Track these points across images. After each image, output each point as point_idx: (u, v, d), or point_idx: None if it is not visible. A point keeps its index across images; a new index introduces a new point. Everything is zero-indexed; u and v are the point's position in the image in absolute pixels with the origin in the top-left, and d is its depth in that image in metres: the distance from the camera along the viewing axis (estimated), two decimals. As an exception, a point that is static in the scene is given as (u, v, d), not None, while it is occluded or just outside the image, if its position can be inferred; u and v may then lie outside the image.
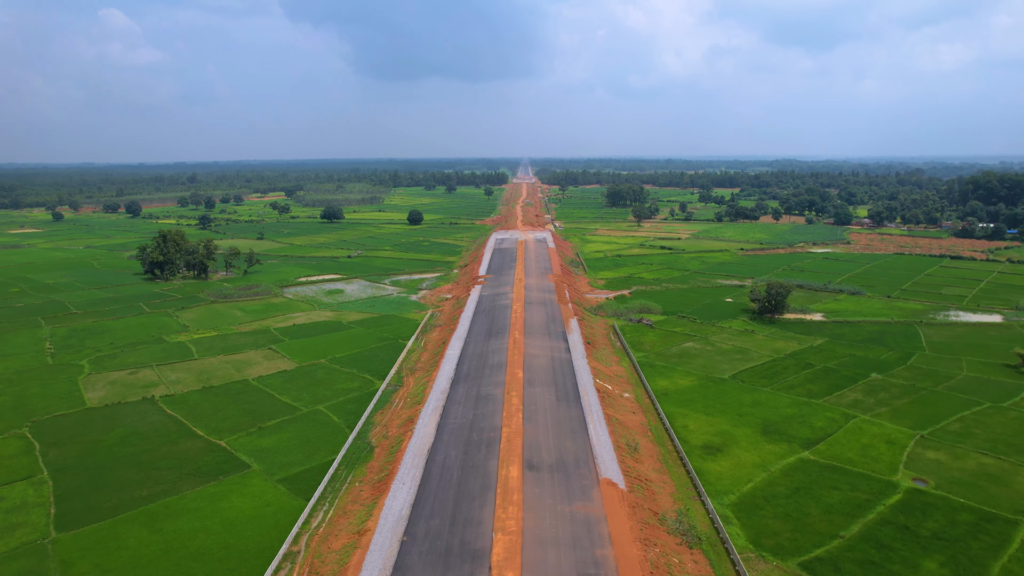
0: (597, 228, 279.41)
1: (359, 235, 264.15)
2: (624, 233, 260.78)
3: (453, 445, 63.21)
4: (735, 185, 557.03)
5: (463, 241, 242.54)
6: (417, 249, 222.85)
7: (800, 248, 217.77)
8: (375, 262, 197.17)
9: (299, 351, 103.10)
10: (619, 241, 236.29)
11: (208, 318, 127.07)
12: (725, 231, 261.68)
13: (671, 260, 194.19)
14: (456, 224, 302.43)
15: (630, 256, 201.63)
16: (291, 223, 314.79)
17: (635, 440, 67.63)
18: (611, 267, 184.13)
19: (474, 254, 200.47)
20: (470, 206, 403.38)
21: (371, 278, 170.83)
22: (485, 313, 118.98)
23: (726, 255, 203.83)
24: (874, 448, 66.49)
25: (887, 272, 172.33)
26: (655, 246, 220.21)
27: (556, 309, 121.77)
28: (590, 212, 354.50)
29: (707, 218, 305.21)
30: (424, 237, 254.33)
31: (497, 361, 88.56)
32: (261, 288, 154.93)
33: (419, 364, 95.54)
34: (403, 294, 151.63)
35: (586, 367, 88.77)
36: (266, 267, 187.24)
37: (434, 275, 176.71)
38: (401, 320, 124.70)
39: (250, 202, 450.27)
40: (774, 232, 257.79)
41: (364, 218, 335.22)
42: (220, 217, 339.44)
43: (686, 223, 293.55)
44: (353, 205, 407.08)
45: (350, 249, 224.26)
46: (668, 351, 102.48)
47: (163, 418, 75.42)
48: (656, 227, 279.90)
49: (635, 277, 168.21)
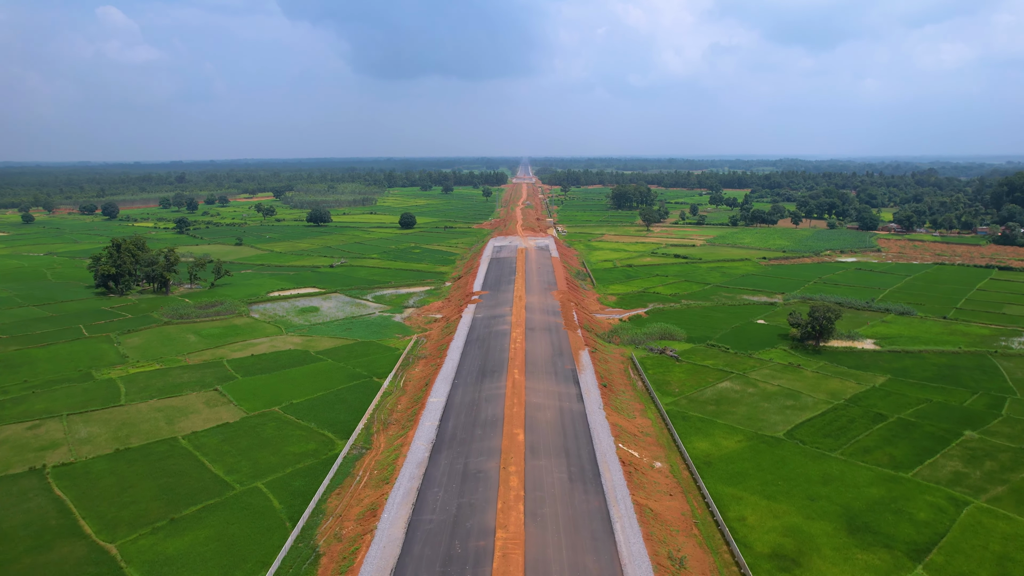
0: (603, 233, 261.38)
1: (346, 241, 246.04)
2: (633, 239, 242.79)
3: (426, 566, 45.09)
4: (744, 186, 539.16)
5: (458, 248, 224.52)
6: (407, 257, 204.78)
7: (827, 257, 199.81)
8: (359, 272, 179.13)
9: (250, 394, 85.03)
10: (628, 248, 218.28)
11: (155, 345, 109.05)
12: (742, 237, 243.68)
13: (688, 271, 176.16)
14: (451, 228, 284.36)
15: (642, 266, 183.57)
16: (275, 227, 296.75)
17: (679, 547, 49.65)
18: (622, 280, 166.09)
19: (469, 264, 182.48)
20: (467, 208, 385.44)
21: (352, 293, 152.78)
22: (479, 342, 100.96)
23: (748, 265, 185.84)
24: (1014, 560, 48.46)
25: (933, 286, 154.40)
26: (668, 254, 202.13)
27: (563, 337, 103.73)
28: (594, 215, 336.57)
29: (721, 222, 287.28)
30: (416, 243, 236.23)
31: (491, 415, 70.57)
32: (225, 305, 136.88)
33: (394, 415, 77.49)
34: (386, 313, 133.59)
35: (604, 423, 70.73)
36: (237, 279, 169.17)
37: (423, 289, 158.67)
38: (380, 349, 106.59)
39: (236, 203, 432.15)
40: (795, 238, 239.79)
41: (354, 221, 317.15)
42: (201, 220, 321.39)
43: (699, 227, 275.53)
44: (344, 207, 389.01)
45: (334, 257, 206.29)
46: (701, 394, 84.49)
47: (45, 502, 57.33)
48: (667, 232, 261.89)
49: (650, 292, 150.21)
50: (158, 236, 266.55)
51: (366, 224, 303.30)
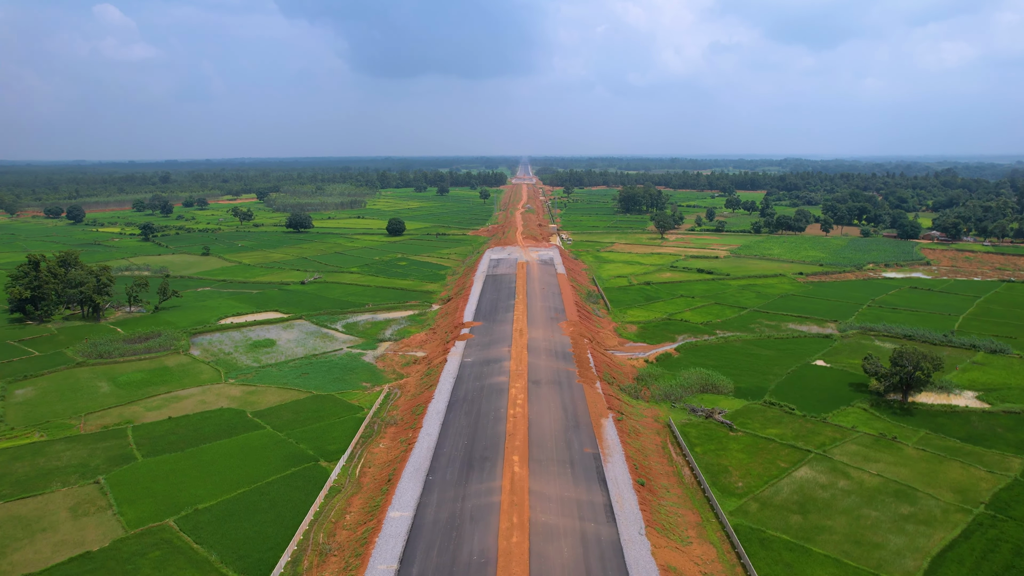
0: (613, 242, 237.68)
1: (325, 250, 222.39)
2: (647, 248, 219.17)
3: None
4: (757, 187, 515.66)
5: (450, 260, 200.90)
6: (391, 272, 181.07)
7: (871, 272, 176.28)
8: (333, 291, 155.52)
9: (144, 490, 61.40)
10: (643, 261, 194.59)
11: (51, 398, 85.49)
12: (769, 247, 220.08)
13: (716, 291, 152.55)
14: (444, 236, 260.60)
15: (662, 284, 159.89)
16: (250, 233, 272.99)
17: None
18: (641, 302, 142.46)
19: (461, 281, 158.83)
20: (463, 212, 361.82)
21: (320, 319, 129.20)
22: (466, 404, 77.32)
23: (784, 283, 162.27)
24: None
25: (1014, 311, 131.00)
26: (690, 269, 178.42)
27: (578, 394, 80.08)
28: (601, 220, 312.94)
29: (742, 229, 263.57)
30: (403, 254, 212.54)
31: (478, 551, 46.95)
32: (162, 338, 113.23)
33: (338, 536, 53.74)
34: (356, 349, 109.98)
35: (651, 565, 46.96)
36: (188, 300, 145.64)
37: (405, 314, 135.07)
38: (338, 408, 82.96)
39: (217, 206, 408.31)
40: (829, 249, 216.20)
41: (338, 227, 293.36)
42: (172, 225, 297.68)
43: (718, 235, 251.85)
44: (330, 210, 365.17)
45: (308, 270, 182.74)
46: (776, 492, 60.88)
47: None
48: (683, 240, 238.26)
49: (676, 320, 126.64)
50: (120, 244, 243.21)
51: (351, 230, 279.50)
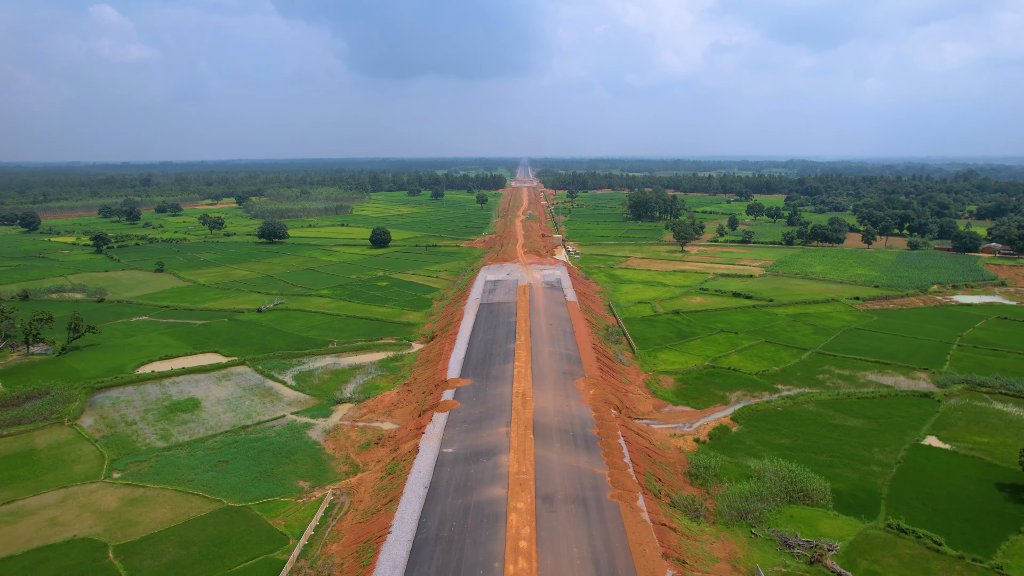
0: (627, 256, 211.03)
1: (296, 266, 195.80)
2: (668, 264, 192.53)
3: None
4: (774, 190, 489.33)
5: (439, 279, 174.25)
6: (367, 295, 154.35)
7: (940, 296, 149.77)
8: (294, 322, 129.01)
9: None
10: (666, 280, 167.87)
11: None
12: (809, 262, 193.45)
13: (762, 322, 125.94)
14: (435, 248, 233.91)
15: (694, 314, 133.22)
16: (218, 244, 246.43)
17: None
18: (673, 339, 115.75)
19: (449, 311, 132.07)
20: (458, 219, 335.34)
21: (268, 365, 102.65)
22: (439, 550, 50.58)
23: (840, 311, 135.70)
24: None
25: None
26: (724, 291, 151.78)
27: (614, 527, 53.27)
28: (611, 228, 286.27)
29: (772, 240, 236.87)
30: (385, 271, 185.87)
31: None
32: (50, 398, 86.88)
33: None
34: (303, 416, 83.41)
35: None
36: (111, 335, 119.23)
37: (377, 358, 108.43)
38: (252, 536, 56.28)
39: (192, 211, 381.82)
40: (878, 264, 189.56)
41: (317, 236, 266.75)
42: (135, 234, 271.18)
43: (746, 248, 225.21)
44: (312, 216, 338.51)
45: (272, 292, 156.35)
46: None
47: None
48: (708, 254, 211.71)
49: (722, 367, 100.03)
50: (66, 258, 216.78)
51: (330, 241, 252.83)
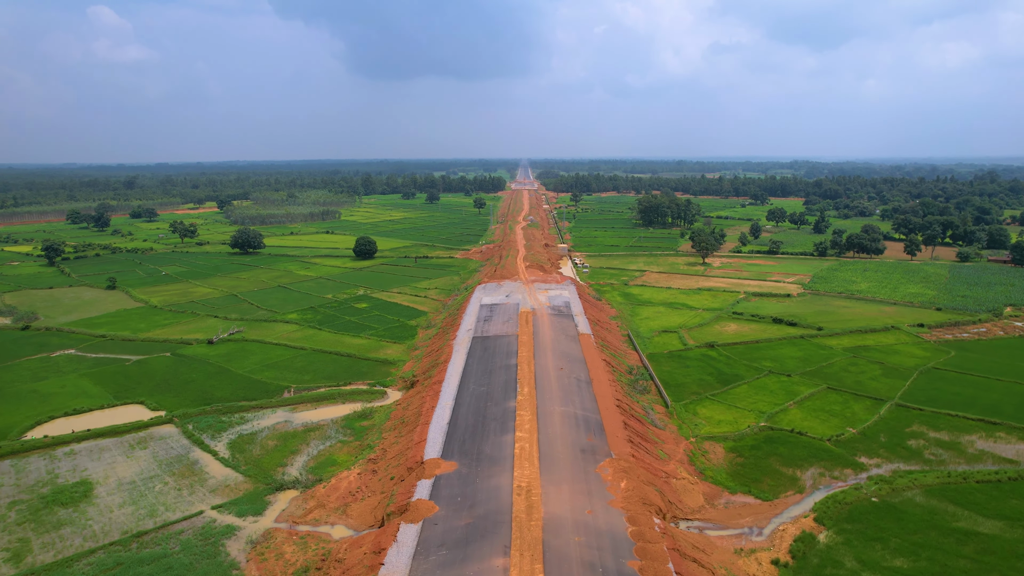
0: (642, 270, 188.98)
1: (267, 282, 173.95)
2: (689, 280, 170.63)
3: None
4: (788, 193, 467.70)
5: (428, 299, 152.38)
6: (341, 322, 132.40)
7: (1019, 321, 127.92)
8: (247, 359, 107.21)
9: None
10: (691, 301, 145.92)
11: None
12: (850, 277, 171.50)
13: (816, 358, 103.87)
14: (425, 260, 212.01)
15: (732, 346, 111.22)
16: (187, 255, 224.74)
17: None
18: (712, 385, 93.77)
19: (435, 347, 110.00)
20: (453, 225, 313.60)
21: (201, 423, 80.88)
22: None
23: (906, 342, 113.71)
24: None
25: None
26: (761, 316, 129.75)
27: None
28: (620, 236, 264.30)
29: (802, 250, 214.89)
30: (366, 288, 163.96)
31: None
32: None
33: None
34: (226, 514, 61.53)
35: None
36: (12, 377, 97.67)
37: (341, 413, 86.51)
38: None
39: (170, 217, 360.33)
40: (930, 280, 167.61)
41: (297, 246, 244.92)
42: (97, 243, 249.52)
43: (773, 259, 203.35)
44: (297, 223, 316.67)
45: (230, 317, 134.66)
46: None
47: None
48: (733, 267, 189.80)
49: (781, 429, 78.02)
50: (14, 271, 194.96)
51: (311, 251, 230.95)
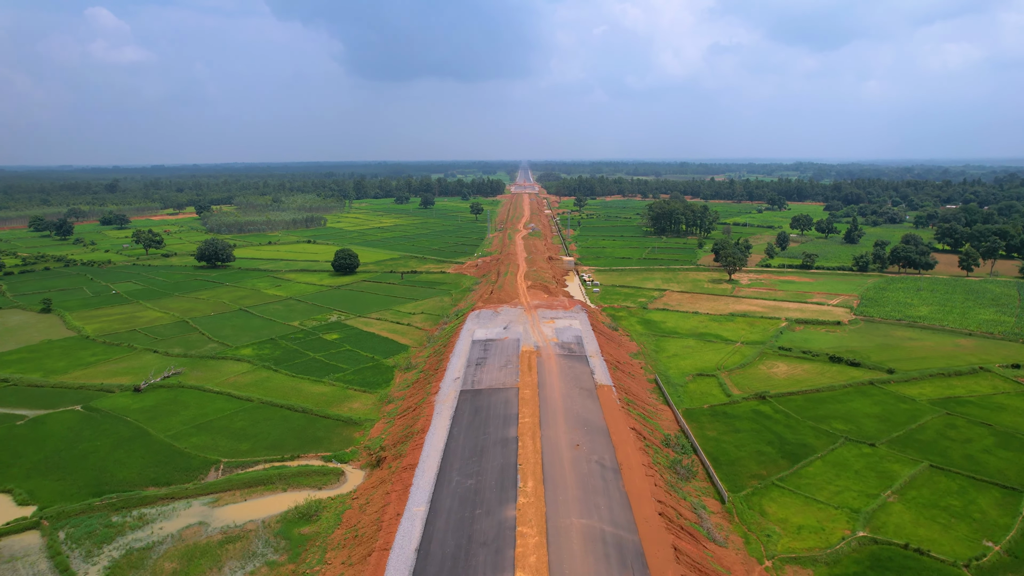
0: (662, 289, 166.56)
1: (228, 303, 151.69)
2: (718, 301, 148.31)
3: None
4: (806, 197, 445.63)
5: (410, 329, 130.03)
6: (303, 360, 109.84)
7: None
8: (175, 417, 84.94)
9: None
10: (725, 331, 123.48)
11: None
12: (904, 299, 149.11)
13: (900, 416, 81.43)
14: (413, 276, 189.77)
15: (788, 397, 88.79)
16: (148, 269, 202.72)
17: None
18: (776, 461, 71.30)
19: (412, 402, 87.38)
20: (448, 233, 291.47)
21: (80, 530, 58.79)
22: None
23: (1006, 391, 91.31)
24: None
25: None
26: (815, 352, 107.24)
27: None
28: (631, 246, 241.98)
29: (838, 264, 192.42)
30: (341, 313, 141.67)
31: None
32: None
33: None
34: None
35: None
36: None
37: (278, 510, 64.03)
38: None
39: (145, 223, 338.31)
40: (1002, 303, 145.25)
41: (273, 257, 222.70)
42: (52, 255, 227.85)
43: (808, 274, 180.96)
44: (278, 230, 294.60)
45: (172, 352, 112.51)
46: None
47: None
48: (764, 284, 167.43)
49: (891, 544, 55.86)
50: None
51: (286, 264, 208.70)
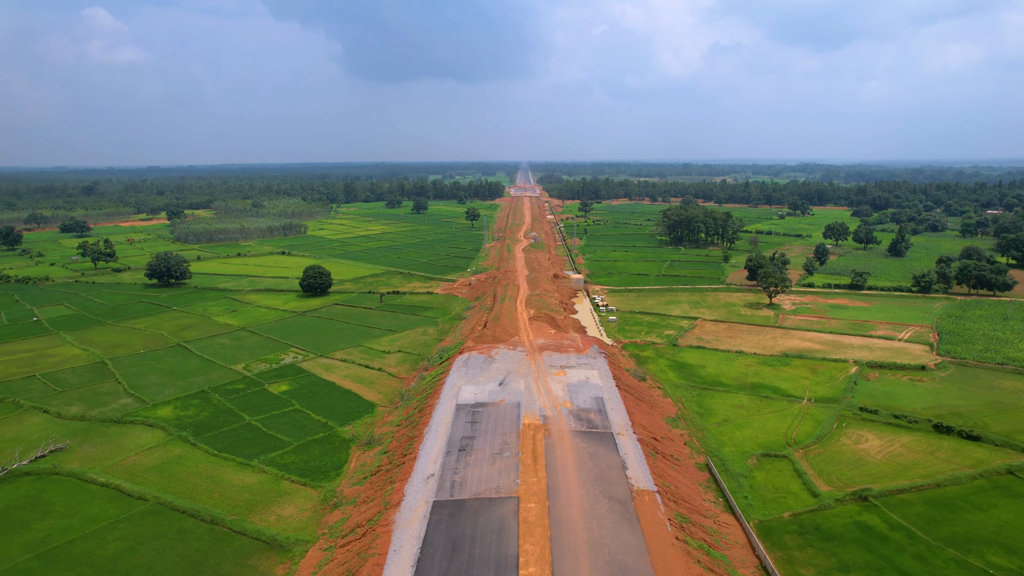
0: (693, 318, 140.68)
1: (167, 335, 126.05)
2: (763, 335, 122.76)
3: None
4: (827, 201, 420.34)
5: (383, 377, 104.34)
6: (233, 427, 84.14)
7: None
8: (20, 536, 59.51)
9: None
10: (781, 381, 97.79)
11: None
12: (990, 331, 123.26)
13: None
14: (397, 296, 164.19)
15: (898, 496, 63.25)
16: (90, 287, 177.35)
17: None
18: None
19: (361, 522, 61.67)
20: (440, 242, 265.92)
21: None
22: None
23: None
24: None
25: None
26: (910, 418, 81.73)
27: None
28: (646, 259, 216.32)
29: (893, 284, 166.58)
30: (299, 352, 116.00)
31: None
32: None
33: None
34: None
35: None
36: None
37: None
38: None
39: (113, 229, 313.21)
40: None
41: (237, 273, 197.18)
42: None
43: (859, 295, 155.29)
44: (252, 239, 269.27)
45: (67, 413, 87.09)
46: None
47: None
48: (814, 310, 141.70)
49: None
50: None
51: (251, 282, 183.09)
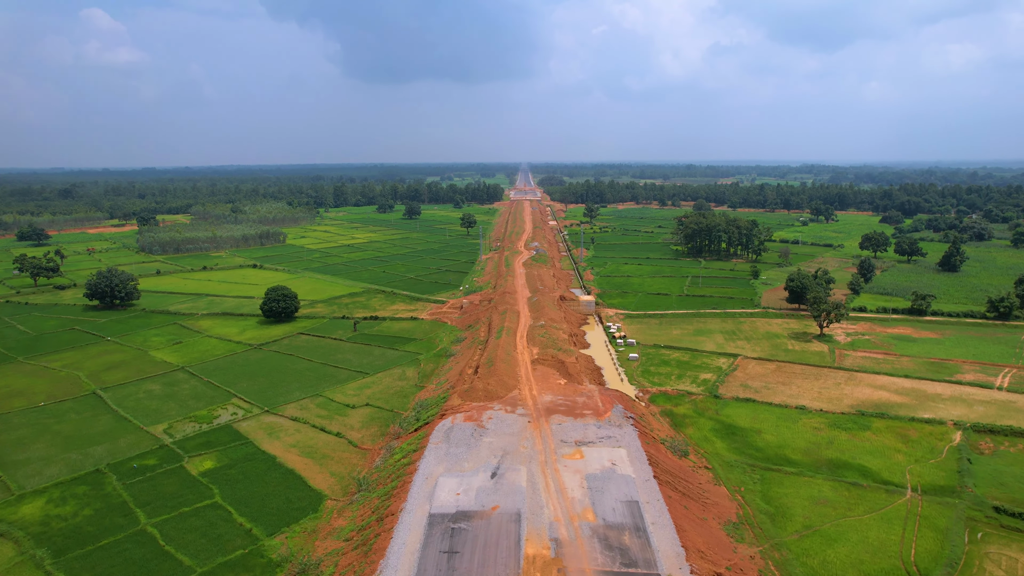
0: (729, 353, 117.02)
1: (85, 378, 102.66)
2: (821, 378, 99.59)
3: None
4: (849, 204, 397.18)
5: (341, 445, 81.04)
6: (118, 532, 60.67)
7: None
8: None
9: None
10: (864, 454, 74.49)
11: None
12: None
13: None
14: (375, 323, 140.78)
15: None
16: (20, 310, 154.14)
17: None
18: None
19: None
20: (431, 253, 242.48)
21: None
22: None
23: None
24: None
25: None
26: (1076, 533, 58.57)
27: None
28: (664, 273, 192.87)
29: (961, 309, 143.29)
30: (242, 404, 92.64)
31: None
32: None
33: None
34: None
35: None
36: None
37: None
38: None
39: (79, 236, 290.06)
40: None
41: (195, 292, 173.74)
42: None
43: (923, 324, 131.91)
44: (224, 249, 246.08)
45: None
46: None
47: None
48: (877, 343, 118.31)
49: None
50: None
51: (209, 303, 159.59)
